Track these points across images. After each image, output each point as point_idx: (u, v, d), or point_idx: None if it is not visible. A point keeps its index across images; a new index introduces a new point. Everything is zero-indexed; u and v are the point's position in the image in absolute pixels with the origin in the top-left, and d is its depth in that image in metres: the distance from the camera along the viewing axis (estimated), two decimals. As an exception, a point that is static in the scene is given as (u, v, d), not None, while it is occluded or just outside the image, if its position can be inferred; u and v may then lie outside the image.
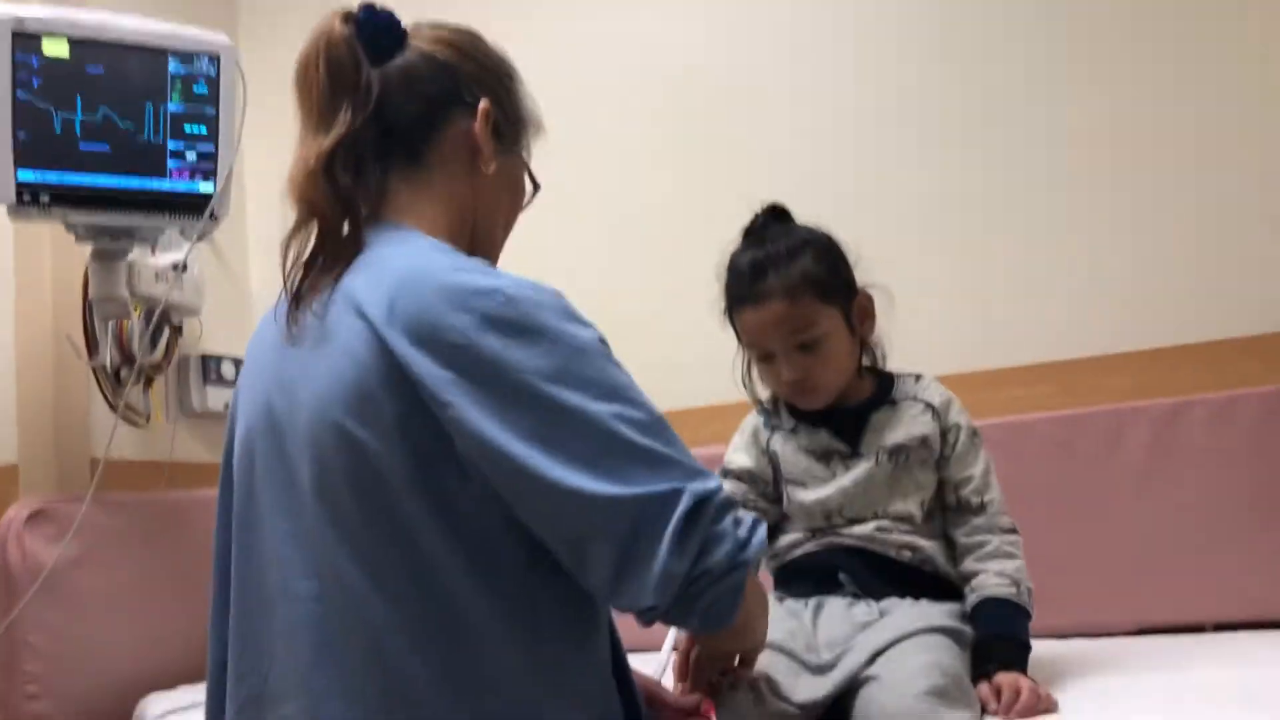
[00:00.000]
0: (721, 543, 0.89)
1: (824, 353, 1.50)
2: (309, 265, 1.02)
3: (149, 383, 2.21)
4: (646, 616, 0.92)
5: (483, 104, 1.13)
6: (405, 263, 0.98)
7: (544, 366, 0.90)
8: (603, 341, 0.98)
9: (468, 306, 0.92)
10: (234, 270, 2.66)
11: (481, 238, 1.17)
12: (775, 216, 1.58)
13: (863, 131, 2.31)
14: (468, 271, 0.98)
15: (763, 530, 0.95)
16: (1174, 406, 1.93)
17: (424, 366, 0.90)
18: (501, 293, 0.93)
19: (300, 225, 1.02)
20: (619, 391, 0.94)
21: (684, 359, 2.22)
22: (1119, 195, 2.12)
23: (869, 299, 1.56)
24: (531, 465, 0.88)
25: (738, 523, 0.92)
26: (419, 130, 1.10)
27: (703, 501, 0.89)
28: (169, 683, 1.90)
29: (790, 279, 1.47)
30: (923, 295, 2.16)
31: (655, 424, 0.94)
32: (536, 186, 1.24)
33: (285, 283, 1.03)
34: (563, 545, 0.92)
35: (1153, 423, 1.94)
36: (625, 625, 2.09)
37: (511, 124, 1.19)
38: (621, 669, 1.06)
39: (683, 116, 2.46)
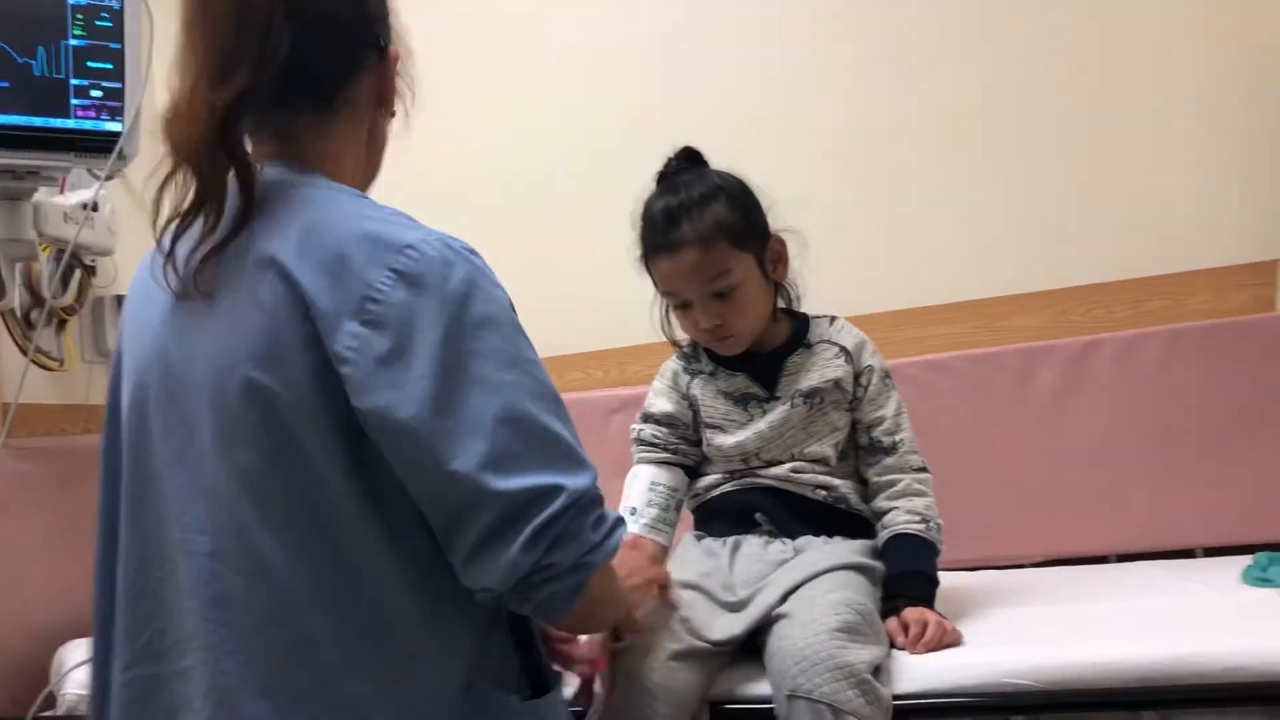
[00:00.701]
0: (574, 541, 0.89)
1: (739, 299, 1.50)
2: (187, 217, 0.95)
3: (62, 325, 2.16)
4: (482, 595, 0.93)
5: (392, 49, 1.10)
6: (317, 212, 0.95)
7: (450, 329, 0.89)
8: (511, 308, 0.97)
9: (380, 260, 0.90)
10: (148, 206, 2.58)
11: (373, 170, 1.15)
12: (689, 160, 1.57)
13: (774, 70, 2.30)
14: (382, 221, 0.95)
15: (620, 533, 0.95)
16: (1083, 344, 1.98)
17: (330, 317, 0.88)
18: (415, 249, 0.91)
19: (173, 174, 0.95)
20: (522, 362, 0.93)
21: (607, 299, 2.22)
22: (1032, 134, 2.14)
23: (782, 243, 1.57)
24: (424, 440, 0.87)
25: (597, 523, 0.92)
26: (332, 77, 1.04)
27: (574, 499, 0.89)
28: (87, 630, 1.87)
29: (703, 227, 1.47)
30: (837, 235, 2.17)
31: (553, 399, 0.94)
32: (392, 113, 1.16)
33: (158, 236, 0.97)
34: (435, 518, 0.91)
35: (1063, 360, 1.99)
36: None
37: (404, 54, 1.14)
38: (523, 625, 1.06)
39: (600, 59, 2.43)
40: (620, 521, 0.96)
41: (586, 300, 2.34)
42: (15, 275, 1.96)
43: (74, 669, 1.71)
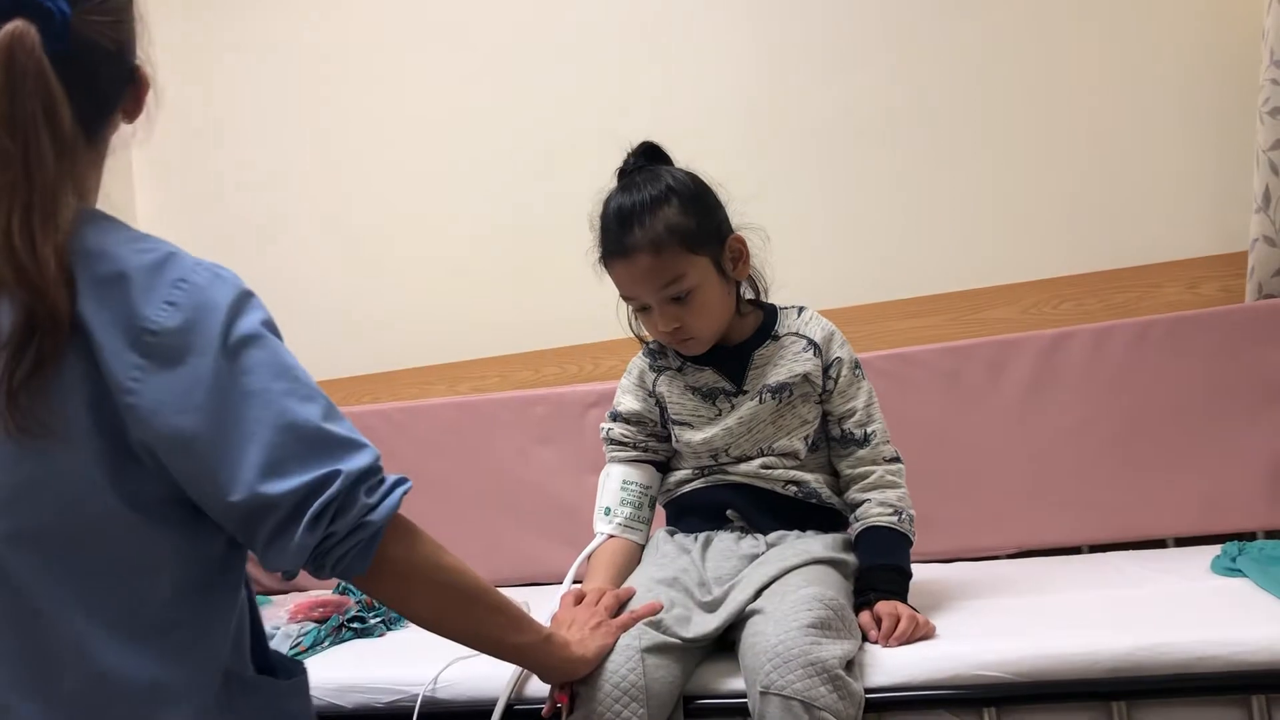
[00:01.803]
0: (351, 510, 0.96)
1: (696, 302, 1.49)
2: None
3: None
4: (284, 577, 1.00)
5: (141, 68, 1.05)
6: (89, 243, 0.94)
7: (220, 350, 0.93)
8: (273, 322, 1.01)
9: (154, 291, 0.92)
10: (116, 199, 2.56)
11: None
12: (647, 156, 1.55)
13: (743, 66, 2.30)
14: (147, 252, 0.95)
15: (398, 492, 1.01)
16: (1054, 337, 1.99)
17: (109, 349, 0.90)
18: (185, 280, 0.94)
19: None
20: (290, 370, 0.97)
21: (580, 295, 2.22)
22: (1004, 128, 2.15)
23: (740, 241, 1.55)
24: (212, 458, 0.92)
25: (373, 490, 0.99)
26: (99, 119, 1.01)
27: (351, 479, 0.96)
28: None
29: (655, 232, 1.45)
30: (810, 229, 2.19)
31: (321, 399, 0.99)
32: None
33: None
34: (228, 524, 0.96)
35: (1034, 353, 2.00)
36: (532, 558, 2.10)
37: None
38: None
39: (569, 56, 2.42)
40: (401, 481, 1.03)
41: (560, 296, 2.34)
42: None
43: None
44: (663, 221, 1.46)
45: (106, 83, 1.00)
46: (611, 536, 1.57)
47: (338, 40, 2.59)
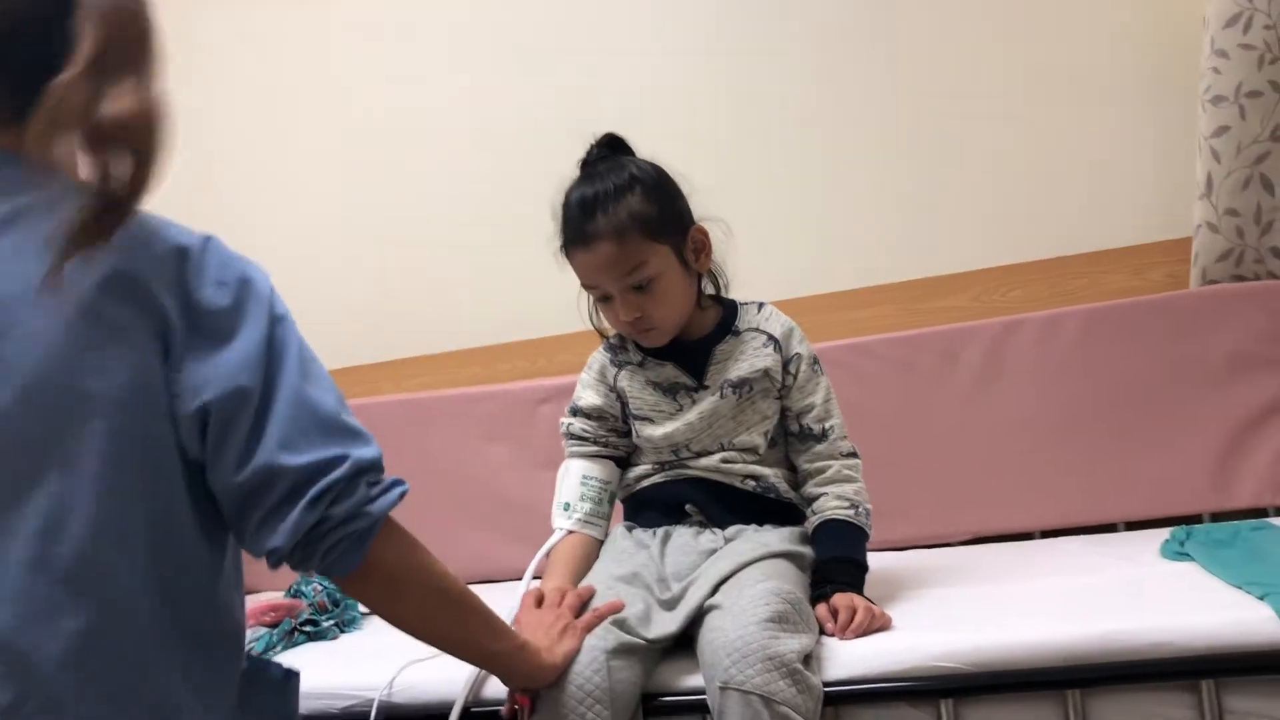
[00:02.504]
0: (351, 498, 0.98)
1: (658, 292, 1.49)
2: None
3: None
4: (272, 559, 0.98)
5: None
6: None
7: (270, 323, 0.98)
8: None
9: (206, 271, 0.95)
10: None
11: None
12: (610, 148, 1.55)
13: (699, 55, 2.30)
14: (189, 232, 0.97)
15: (396, 492, 1.03)
16: (1005, 325, 2.01)
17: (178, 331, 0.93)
18: (229, 263, 0.97)
19: None
20: (312, 356, 1.02)
21: (535, 289, 2.21)
22: (953, 117, 2.16)
23: (703, 232, 1.55)
24: (256, 420, 0.94)
25: (373, 483, 1.00)
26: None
27: (357, 466, 0.98)
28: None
29: (618, 220, 1.45)
30: (762, 219, 2.19)
31: (335, 389, 1.02)
32: None
33: None
34: (231, 497, 0.96)
35: (985, 341, 2.01)
36: (483, 556, 2.09)
37: None
38: None
39: (527, 49, 2.40)
40: (399, 482, 1.04)
41: (515, 290, 2.33)
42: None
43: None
44: (626, 209, 1.45)
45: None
46: (571, 532, 1.56)
47: (287, 31, 2.55)
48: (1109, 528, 1.93)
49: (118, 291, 0.90)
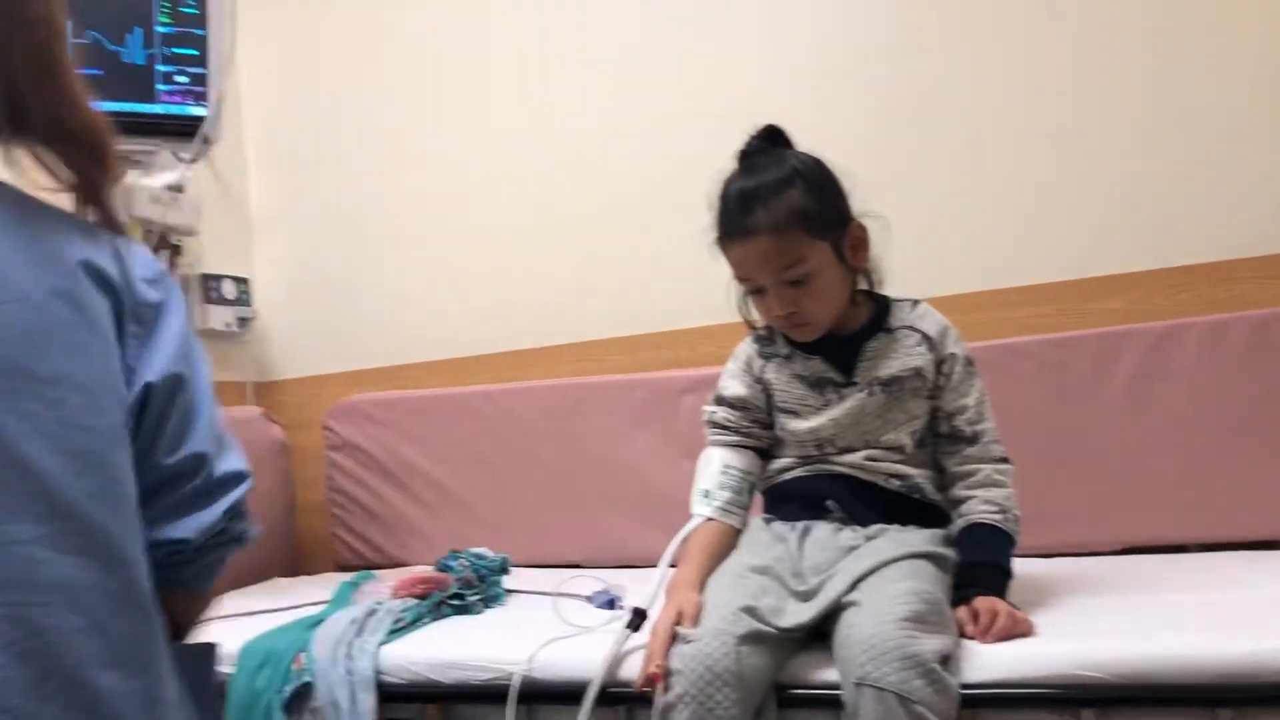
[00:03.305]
0: (245, 519, 1.02)
1: (813, 287, 1.49)
2: None
3: (148, 304, 2.23)
4: (165, 549, 0.97)
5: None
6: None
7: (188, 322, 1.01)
8: None
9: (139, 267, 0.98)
10: (234, 189, 2.65)
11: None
12: (770, 140, 1.54)
13: (854, 51, 2.27)
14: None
15: (252, 530, 1.04)
16: (1166, 329, 1.94)
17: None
18: (153, 260, 1.01)
19: None
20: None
21: (678, 279, 2.23)
22: (1114, 113, 2.09)
23: (862, 229, 1.53)
24: (190, 407, 0.98)
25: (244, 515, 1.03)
26: None
27: (249, 488, 1.02)
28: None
29: (778, 214, 1.45)
30: (914, 217, 2.15)
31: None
32: None
33: None
34: (150, 480, 0.97)
35: (1144, 346, 1.94)
36: (623, 542, 2.13)
37: None
38: None
39: (670, 44, 2.42)
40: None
41: (658, 280, 2.35)
42: (105, 255, 2.03)
43: None
44: (786, 204, 1.46)
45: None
46: (709, 520, 1.56)
47: (426, 29, 2.63)
48: (1271, 544, 1.84)
49: (92, 279, 0.94)
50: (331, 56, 2.71)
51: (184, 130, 1.85)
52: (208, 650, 1.13)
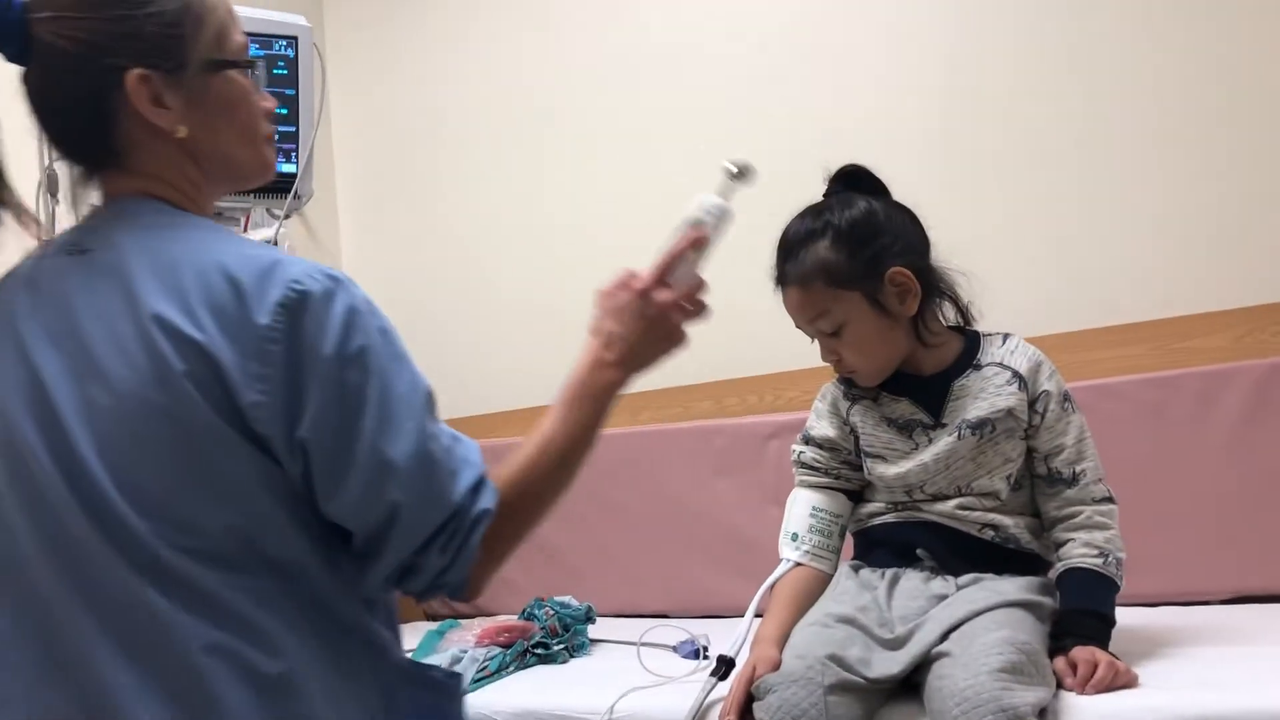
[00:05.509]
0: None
1: (849, 338, 1.47)
2: None
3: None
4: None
5: (129, 78, 0.97)
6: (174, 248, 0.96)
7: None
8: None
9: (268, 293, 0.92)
10: (325, 244, 2.72)
11: (219, 173, 1.07)
12: (845, 181, 1.52)
13: (943, 84, 2.25)
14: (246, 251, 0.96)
15: None
16: (1270, 367, 1.86)
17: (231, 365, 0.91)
18: (299, 281, 0.94)
19: None
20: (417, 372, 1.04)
21: (762, 324, 2.21)
22: (1210, 147, 2.03)
23: (906, 275, 1.46)
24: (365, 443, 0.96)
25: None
26: (89, 136, 1.00)
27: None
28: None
29: (802, 267, 1.46)
30: (1007, 252, 2.12)
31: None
32: (251, 66, 1.08)
33: None
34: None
35: (1248, 384, 1.87)
36: (709, 591, 2.10)
37: (188, 58, 1.00)
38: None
39: (759, 77, 2.43)
40: None
41: (741, 326, 2.33)
42: (204, 310, 2.08)
43: None
44: (811, 257, 1.46)
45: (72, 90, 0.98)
46: (798, 565, 1.53)
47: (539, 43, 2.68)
48: (1393, 594, 1.75)
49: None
50: (417, 106, 2.78)
51: (276, 187, 1.89)
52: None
